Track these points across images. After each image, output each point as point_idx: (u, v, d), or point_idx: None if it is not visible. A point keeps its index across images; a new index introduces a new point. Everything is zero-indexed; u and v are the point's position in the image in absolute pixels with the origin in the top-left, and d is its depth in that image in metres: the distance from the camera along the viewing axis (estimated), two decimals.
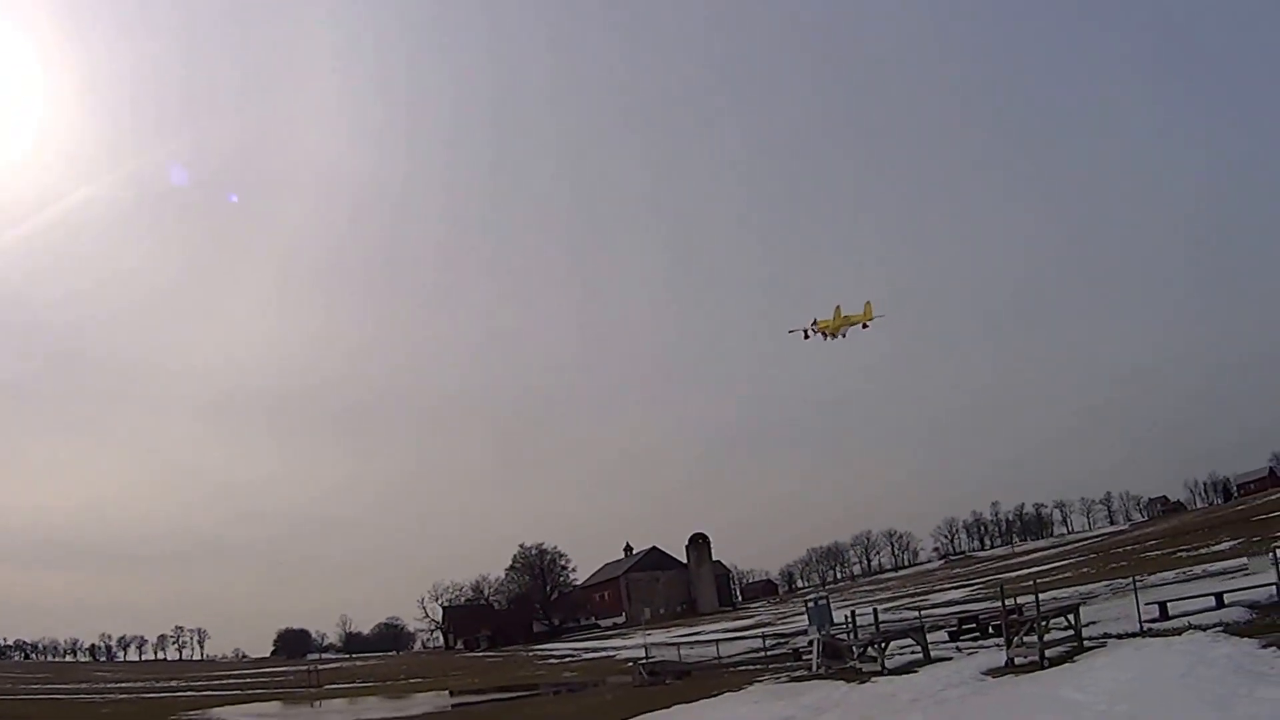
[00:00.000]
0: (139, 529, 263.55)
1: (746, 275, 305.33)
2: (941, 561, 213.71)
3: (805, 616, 47.43)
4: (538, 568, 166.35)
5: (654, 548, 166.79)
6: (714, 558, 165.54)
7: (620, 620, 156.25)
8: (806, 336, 59.00)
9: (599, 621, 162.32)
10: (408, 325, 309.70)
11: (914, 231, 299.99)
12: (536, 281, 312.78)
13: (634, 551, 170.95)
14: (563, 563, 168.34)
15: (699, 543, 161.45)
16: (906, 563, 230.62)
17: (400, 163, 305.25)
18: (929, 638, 35.74)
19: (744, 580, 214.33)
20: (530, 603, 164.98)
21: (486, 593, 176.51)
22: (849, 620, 39.63)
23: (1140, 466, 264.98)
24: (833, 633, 37.67)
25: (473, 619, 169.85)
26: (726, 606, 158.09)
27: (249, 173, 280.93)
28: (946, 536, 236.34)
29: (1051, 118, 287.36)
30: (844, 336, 58.97)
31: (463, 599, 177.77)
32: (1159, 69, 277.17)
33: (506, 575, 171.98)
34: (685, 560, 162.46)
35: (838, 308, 57.65)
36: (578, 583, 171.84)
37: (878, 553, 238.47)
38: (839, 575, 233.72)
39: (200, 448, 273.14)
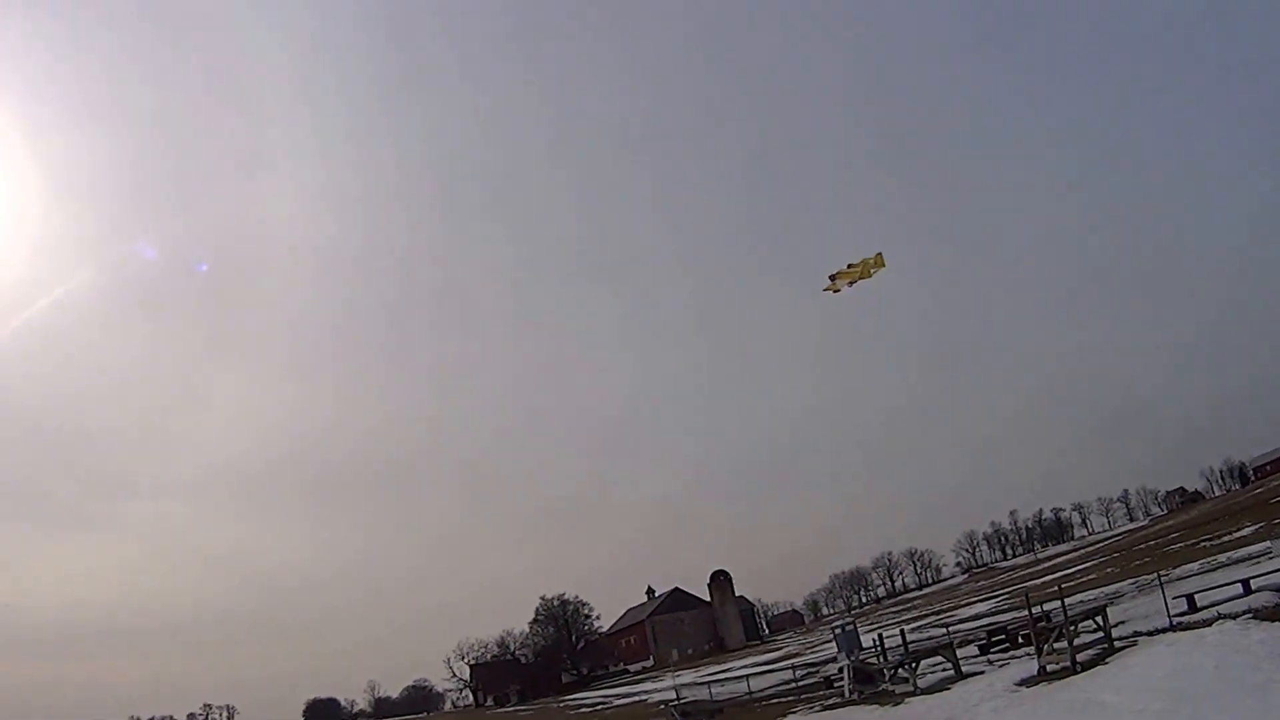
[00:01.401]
0: (158, 611, 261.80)
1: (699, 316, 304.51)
2: (965, 576, 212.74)
3: (834, 644, 47.26)
4: (561, 618, 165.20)
5: (676, 589, 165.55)
6: (737, 593, 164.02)
7: (648, 664, 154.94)
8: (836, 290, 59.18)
9: (627, 667, 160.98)
10: (423, 393, 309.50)
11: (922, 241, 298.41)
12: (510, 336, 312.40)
13: (656, 594, 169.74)
14: (585, 611, 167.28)
15: (720, 580, 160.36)
16: (930, 580, 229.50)
17: (356, 230, 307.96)
18: (959, 653, 35.45)
19: (769, 613, 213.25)
20: (557, 653, 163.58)
21: (512, 647, 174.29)
22: (877, 643, 39.42)
23: (1155, 460, 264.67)
24: (862, 657, 37.29)
25: (501, 674, 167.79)
26: (754, 641, 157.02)
27: (219, 251, 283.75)
28: (968, 550, 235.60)
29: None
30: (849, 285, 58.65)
31: (488, 655, 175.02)
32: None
33: (531, 628, 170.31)
34: (709, 598, 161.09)
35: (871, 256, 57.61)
36: (602, 630, 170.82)
37: (900, 573, 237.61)
38: (864, 600, 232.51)
39: (208, 527, 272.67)
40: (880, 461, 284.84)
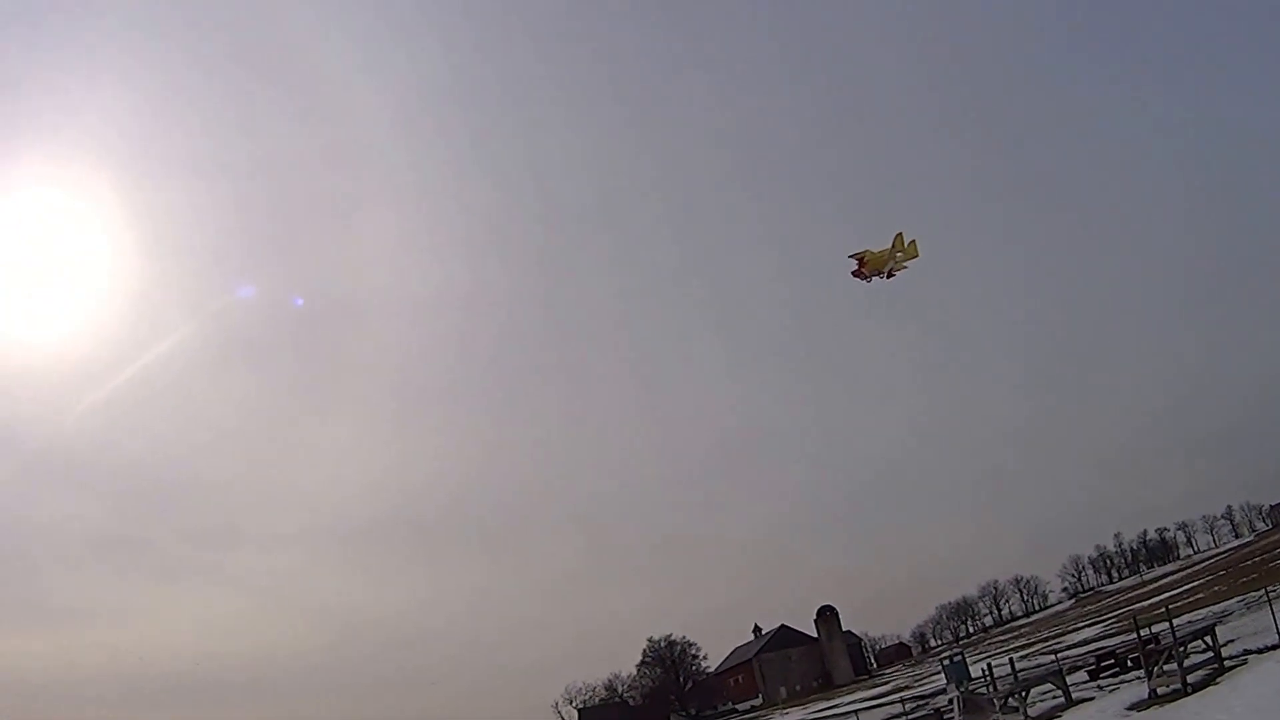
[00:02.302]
0: (262, 661, 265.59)
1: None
2: (1072, 601, 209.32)
3: (942, 676, 47.79)
4: (669, 659, 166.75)
5: (783, 625, 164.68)
6: (844, 627, 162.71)
7: (757, 702, 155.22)
8: (866, 280, 57.31)
9: (736, 706, 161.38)
10: (528, 438, 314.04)
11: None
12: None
13: (763, 632, 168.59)
14: (693, 651, 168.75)
15: (827, 615, 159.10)
16: (1037, 607, 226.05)
17: (462, 280, 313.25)
18: (1068, 680, 36.01)
19: (876, 646, 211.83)
20: (666, 695, 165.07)
21: (620, 690, 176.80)
22: (987, 673, 40.23)
23: (1258, 475, 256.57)
24: (972, 688, 38.01)
25: (610, 718, 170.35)
26: (862, 675, 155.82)
27: (320, 300, 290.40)
28: (1073, 575, 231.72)
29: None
30: (889, 276, 57.30)
31: (596, 699, 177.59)
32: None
33: (639, 670, 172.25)
34: (815, 634, 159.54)
35: (897, 236, 55.70)
36: (710, 670, 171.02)
37: (1007, 601, 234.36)
38: (971, 629, 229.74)
39: (313, 578, 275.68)
40: (982, 489, 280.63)
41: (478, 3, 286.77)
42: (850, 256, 55.37)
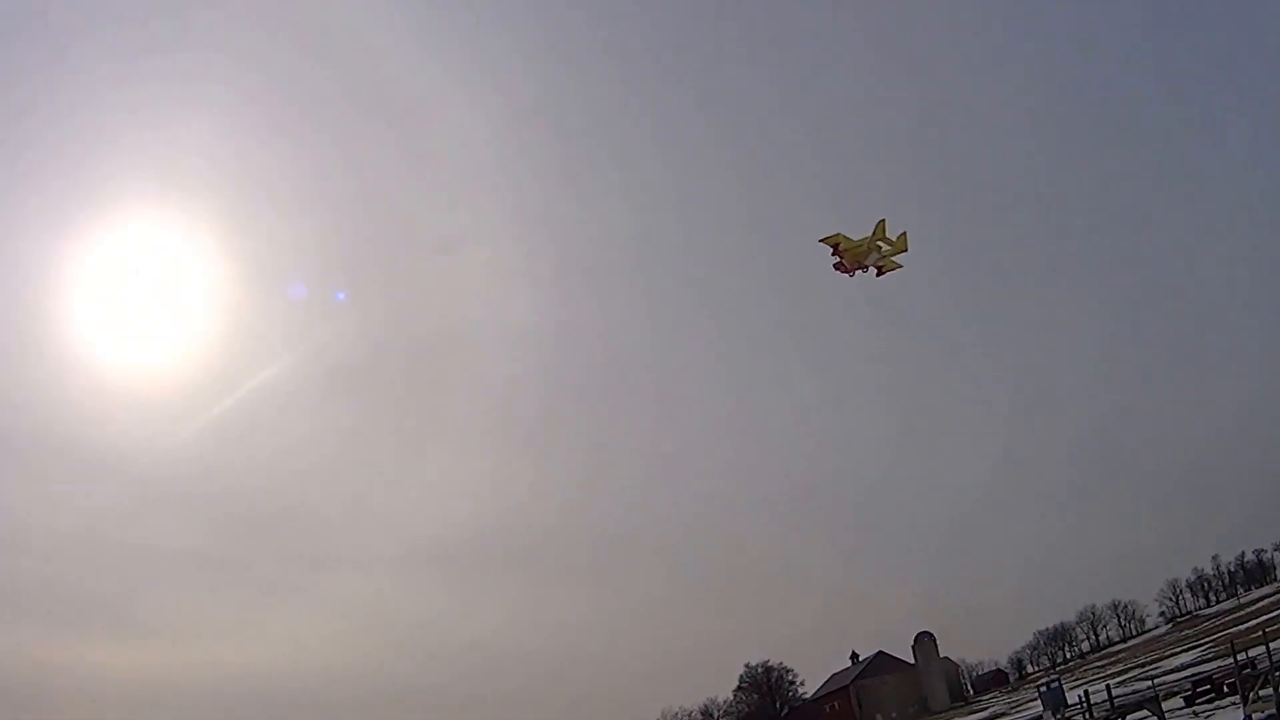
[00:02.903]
0: (356, 679, 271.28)
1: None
2: (1169, 625, 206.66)
3: (1039, 703, 48.96)
4: (765, 685, 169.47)
5: (880, 651, 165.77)
6: (940, 653, 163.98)
7: None
8: (849, 274, 55.42)
9: None
10: (623, 465, 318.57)
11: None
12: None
13: (861, 658, 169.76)
14: (790, 677, 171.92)
15: (925, 640, 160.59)
16: (1134, 632, 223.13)
17: (558, 311, 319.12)
18: (1164, 706, 36.90)
19: (973, 673, 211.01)
20: None
21: (716, 715, 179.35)
22: (1083, 700, 41.74)
23: None
24: (1068, 715, 39.37)
25: None
26: (958, 702, 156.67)
27: (420, 331, 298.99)
28: (1170, 599, 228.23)
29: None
30: (879, 273, 55.47)
31: None
32: None
33: (735, 695, 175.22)
34: (913, 660, 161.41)
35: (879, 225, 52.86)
36: (807, 695, 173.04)
37: (1104, 626, 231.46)
38: (1068, 655, 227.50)
39: (409, 600, 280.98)
40: (1076, 512, 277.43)
41: (571, 41, 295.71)
42: (821, 241, 54.10)
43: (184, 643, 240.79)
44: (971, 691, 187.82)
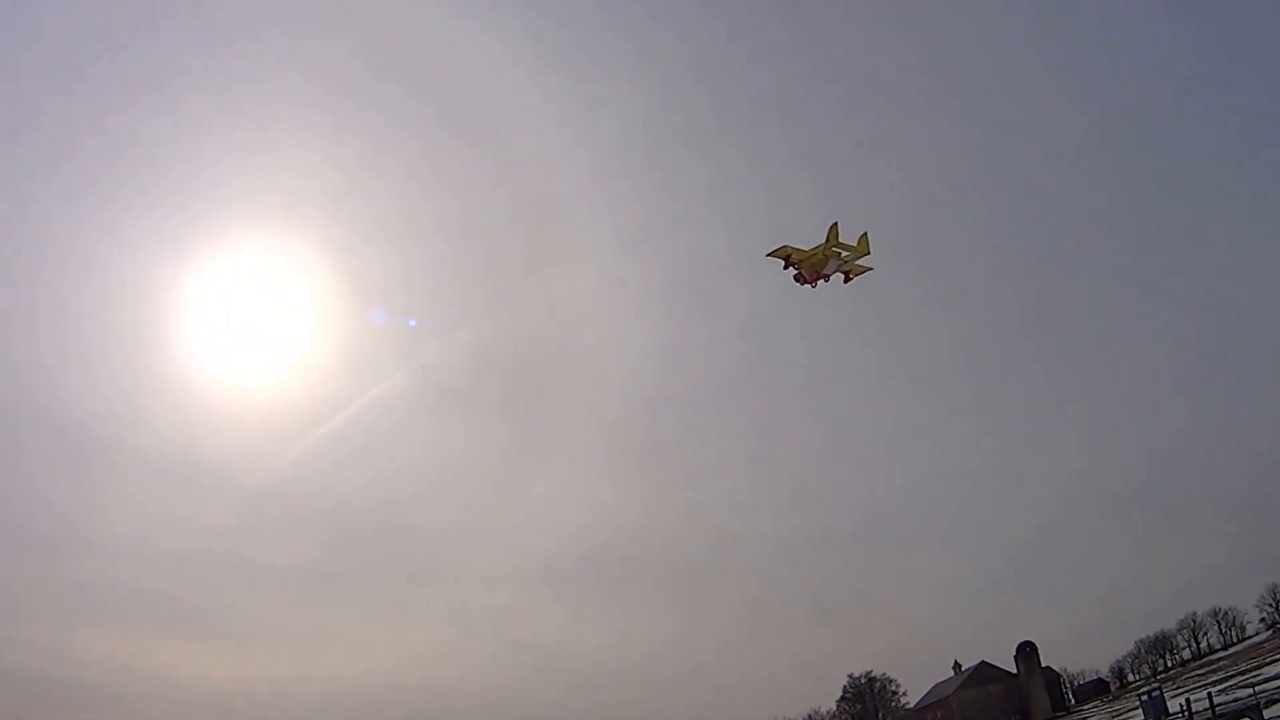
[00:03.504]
0: (450, 690, 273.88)
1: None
2: (1270, 632, 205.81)
3: (1140, 712, 50.41)
4: (868, 695, 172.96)
5: (983, 662, 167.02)
6: (1043, 663, 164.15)
7: None
8: (811, 284, 55.89)
9: None
10: (728, 481, 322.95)
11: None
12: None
13: (963, 668, 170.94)
14: (892, 688, 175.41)
15: (1027, 651, 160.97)
16: (1235, 639, 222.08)
17: (661, 331, 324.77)
18: (1266, 714, 38.17)
19: (1074, 682, 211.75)
20: None
21: None
22: (1185, 709, 44.17)
23: None
24: None
25: None
26: (1060, 712, 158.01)
27: (525, 351, 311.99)
28: (1271, 605, 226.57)
29: None
30: (846, 279, 55.97)
31: None
32: None
33: (838, 706, 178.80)
34: (1014, 670, 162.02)
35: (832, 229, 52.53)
36: (909, 706, 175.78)
37: (1204, 634, 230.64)
38: (1169, 663, 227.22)
39: (517, 615, 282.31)
40: (1174, 519, 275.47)
41: (666, 64, 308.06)
42: (770, 255, 54.47)
43: (292, 653, 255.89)
44: (1073, 701, 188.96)
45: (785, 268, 54.57)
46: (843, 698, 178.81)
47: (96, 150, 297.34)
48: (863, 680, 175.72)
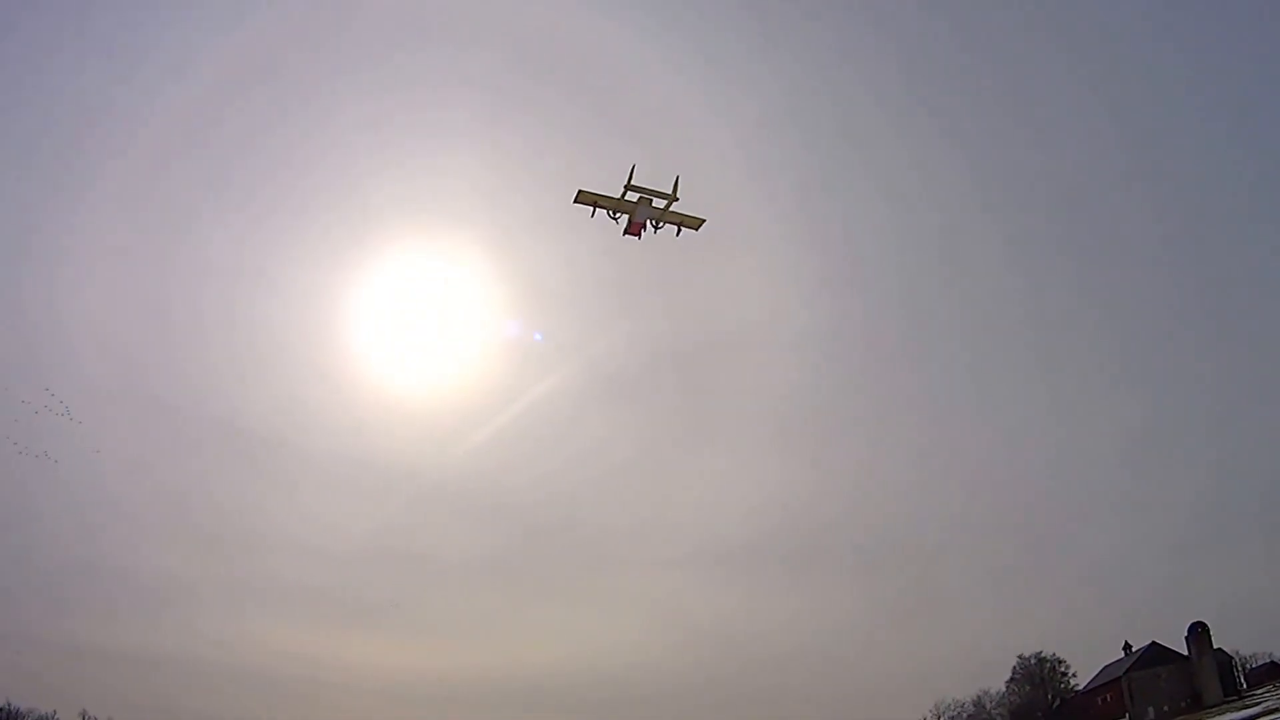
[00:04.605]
0: (628, 677, 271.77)
1: None
2: None
3: None
4: (1038, 677, 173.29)
5: (1153, 643, 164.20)
6: (1214, 644, 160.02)
7: None
8: (637, 235, 59.48)
9: None
10: (898, 461, 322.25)
11: None
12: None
13: (1133, 649, 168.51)
14: (1062, 669, 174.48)
15: (1198, 632, 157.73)
16: None
17: (823, 313, 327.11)
18: None
19: (1246, 665, 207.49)
20: (1033, 713, 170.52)
21: (988, 707, 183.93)
22: None
23: None
24: None
25: None
26: (1231, 696, 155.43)
27: (691, 339, 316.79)
28: None
29: None
30: (678, 230, 59.53)
31: (964, 716, 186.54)
32: None
33: (1007, 687, 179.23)
34: (1186, 652, 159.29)
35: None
36: (1079, 687, 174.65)
37: None
38: None
39: (693, 600, 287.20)
40: None
41: (816, 45, 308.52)
42: (577, 202, 58.29)
43: (469, 644, 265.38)
44: (1245, 685, 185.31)
45: (592, 215, 59.12)
46: (1012, 678, 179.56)
47: (256, 166, 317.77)
48: (1032, 661, 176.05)
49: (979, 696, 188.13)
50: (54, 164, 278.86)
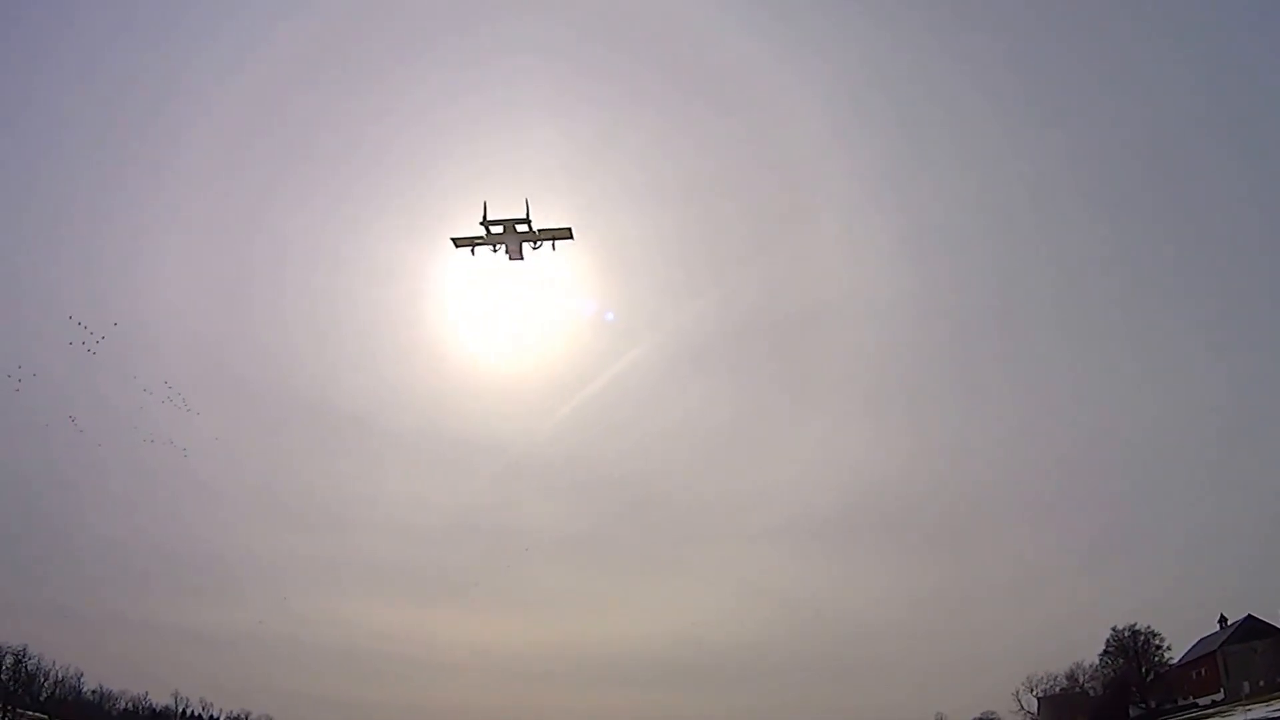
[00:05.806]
0: (725, 649, 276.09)
1: None
2: None
3: None
4: (1131, 650, 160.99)
5: (1249, 616, 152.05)
6: None
7: (1218, 697, 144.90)
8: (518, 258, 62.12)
9: (1196, 700, 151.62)
10: (989, 428, 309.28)
11: None
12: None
13: (1229, 622, 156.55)
14: (1156, 642, 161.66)
15: None
16: None
17: (912, 282, 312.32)
18: None
19: None
20: (1126, 687, 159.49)
21: (1081, 680, 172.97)
22: None
23: None
24: None
25: (1068, 708, 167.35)
26: None
27: (779, 308, 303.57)
28: None
29: None
30: (534, 247, 64.27)
31: (1057, 689, 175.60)
32: None
33: (1100, 660, 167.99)
34: None
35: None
36: (1173, 661, 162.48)
37: None
38: None
39: (788, 572, 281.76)
40: None
41: (900, 9, 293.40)
42: (454, 242, 66.32)
43: (561, 617, 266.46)
44: None
45: (473, 254, 68.77)
46: (1105, 651, 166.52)
47: (331, 146, 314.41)
48: (1126, 634, 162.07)
49: (1072, 669, 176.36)
50: (132, 143, 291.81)
